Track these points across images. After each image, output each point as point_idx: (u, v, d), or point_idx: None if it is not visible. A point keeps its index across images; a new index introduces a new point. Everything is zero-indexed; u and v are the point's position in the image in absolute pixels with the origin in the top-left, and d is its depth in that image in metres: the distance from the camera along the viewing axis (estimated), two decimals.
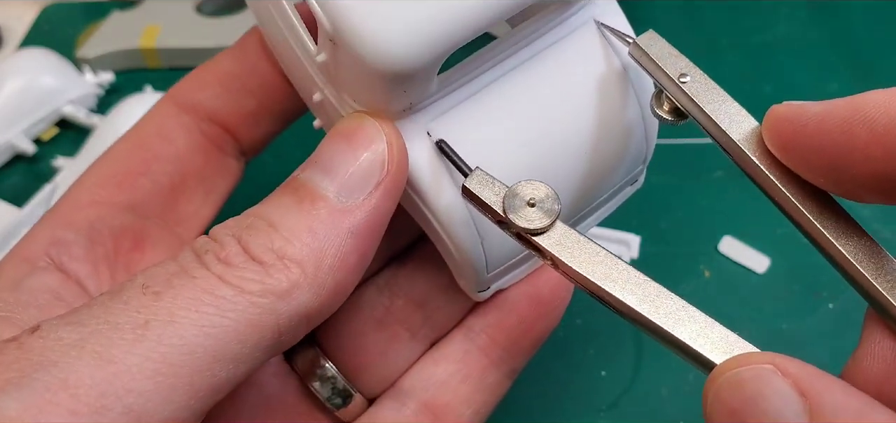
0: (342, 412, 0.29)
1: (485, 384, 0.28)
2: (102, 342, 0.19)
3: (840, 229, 0.22)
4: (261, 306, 0.21)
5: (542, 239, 0.23)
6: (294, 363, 0.29)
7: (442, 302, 0.29)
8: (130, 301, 0.20)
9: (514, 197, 0.23)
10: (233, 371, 0.21)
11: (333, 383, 0.29)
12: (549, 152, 0.26)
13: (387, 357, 0.29)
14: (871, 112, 0.20)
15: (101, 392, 0.19)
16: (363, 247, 0.23)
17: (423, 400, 0.28)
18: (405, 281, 0.29)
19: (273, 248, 0.22)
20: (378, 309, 0.29)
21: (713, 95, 0.24)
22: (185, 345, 0.20)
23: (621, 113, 0.27)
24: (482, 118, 0.26)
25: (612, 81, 0.27)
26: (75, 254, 0.26)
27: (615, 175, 0.29)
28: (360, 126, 0.23)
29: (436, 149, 0.25)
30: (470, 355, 0.28)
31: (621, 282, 0.22)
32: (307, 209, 0.22)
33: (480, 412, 0.29)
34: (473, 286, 0.28)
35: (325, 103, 0.26)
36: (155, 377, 0.19)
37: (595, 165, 0.27)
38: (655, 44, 0.25)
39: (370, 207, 0.23)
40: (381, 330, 0.29)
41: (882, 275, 0.21)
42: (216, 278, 0.21)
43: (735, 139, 0.23)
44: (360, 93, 0.24)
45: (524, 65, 0.27)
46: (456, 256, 0.26)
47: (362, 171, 0.23)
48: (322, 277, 0.22)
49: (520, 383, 0.40)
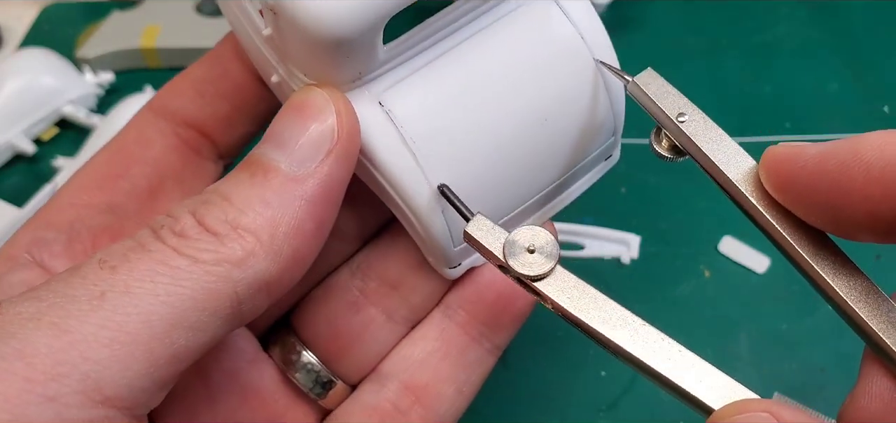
0: (325, 400, 0.29)
1: (466, 361, 0.29)
2: (59, 314, 0.20)
3: (837, 269, 0.23)
4: (216, 274, 0.21)
5: (542, 285, 0.24)
6: (272, 351, 0.29)
7: (417, 282, 0.28)
8: (88, 276, 0.21)
9: (514, 243, 0.24)
10: (192, 339, 0.21)
11: (313, 371, 0.29)
12: (504, 121, 0.26)
13: (364, 341, 0.29)
14: (867, 154, 0.20)
15: (56, 361, 0.20)
16: (319, 214, 0.23)
17: (403, 381, 0.28)
18: (377, 262, 0.29)
19: (227, 219, 0.22)
20: (351, 292, 0.29)
21: (711, 135, 0.25)
22: (141, 314, 0.21)
23: (580, 81, 0.27)
24: (435, 88, 0.26)
25: (569, 50, 0.27)
26: (55, 251, 0.27)
27: (582, 146, 0.28)
28: (308, 98, 0.24)
29: (387, 117, 0.25)
30: (448, 332, 0.28)
31: (620, 327, 0.23)
32: (260, 181, 0.23)
33: (463, 389, 0.29)
34: (442, 262, 0.27)
35: (283, 84, 0.27)
36: (111, 345, 0.20)
37: (556, 134, 0.27)
38: (653, 82, 0.26)
39: (322, 174, 0.23)
40: (355, 313, 0.29)
41: (878, 316, 0.22)
42: (171, 249, 0.22)
43: (732, 179, 0.24)
44: (306, 64, 0.25)
45: (478, 34, 0.27)
46: (417, 226, 0.26)
47: (312, 140, 0.23)
48: (278, 244, 0.22)
49: (520, 382, 0.40)
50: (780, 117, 0.49)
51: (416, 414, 0.28)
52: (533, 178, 0.27)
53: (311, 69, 0.25)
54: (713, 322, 0.41)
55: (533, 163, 0.27)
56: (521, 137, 0.26)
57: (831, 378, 0.39)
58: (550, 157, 0.27)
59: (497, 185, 0.26)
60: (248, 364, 0.28)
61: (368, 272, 0.29)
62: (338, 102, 0.24)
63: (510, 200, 0.27)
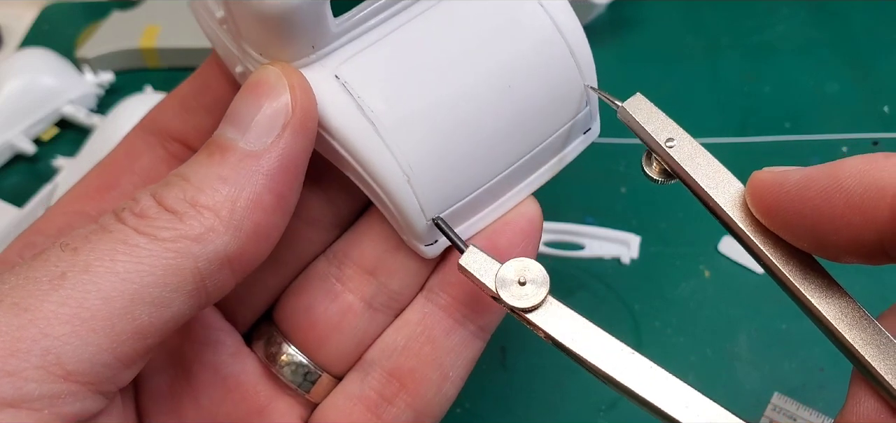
0: (310, 394, 0.29)
1: (450, 345, 0.28)
2: (20, 294, 0.21)
3: (823, 292, 0.23)
4: (175, 250, 0.22)
5: (534, 316, 0.25)
6: (255, 346, 0.29)
7: (394, 267, 0.28)
8: (50, 258, 0.22)
9: (505, 276, 0.25)
10: (155, 315, 0.22)
11: (297, 365, 0.28)
12: (466, 87, 0.26)
13: (342, 330, 0.28)
14: (847, 182, 0.21)
15: (16, 338, 0.20)
16: (279, 187, 0.24)
17: (386, 369, 0.28)
18: (352, 247, 0.29)
19: (185, 198, 0.23)
20: (328, 280, 0.29)
21: (699, 160, 0.25)
22: (101, 291, 0.21)
23: (542, 47, 0.27)
24: (393, 58, 0.26)
25: (529, 17, 0.27)
26: None
27: (553, 114, 0.28)
28: (262, 76, 0.25)
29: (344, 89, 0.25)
30: (430, 316, 0.28)
31: (610, 356, 0.24)
32: (217, 159, 0.24)
33: (449, 373, 0.28)
34: (415, 236, 0.27)
35: (245, 74, 0.27)
36: (71, 321, 0.21)
37: (522, 101, 0.27)
38: (642, 107, 0.26)
39: (279, 148, 0.24)
40: (332, 301, 0.28)
41: (865, 338, 0.22)
42: (131, 229, 0.22)
43: (720, 203, 0.24)
44: (258, 41, 0.25)
45: (433, 8, 0.27)
46: (383, 197, 0.26)
47: (267, 116, 0.24)
48: (238, 219, 0.23)
49: (520, 382, 0.40)
50: (779, 117, 0.49)
51: (402, 401, 0.28)
52: (503, 147, 0.27)
53: (264, 47, 0.25)
54: (713, 322, 0.41)
55: (500, 130, 0.27)
56: (484, 103, 0.26)
57: (831, 378, 0.39)
58: (519, 126, 0.27)
59: (464, 153, 0.26)
60: (231, 358, 0.28)
61: (344, 259, 0.29)
62: (291, 77, 0.24)
63: (480, 170, 0.27)
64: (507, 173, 0.27)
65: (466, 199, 0.27)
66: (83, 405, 0.21)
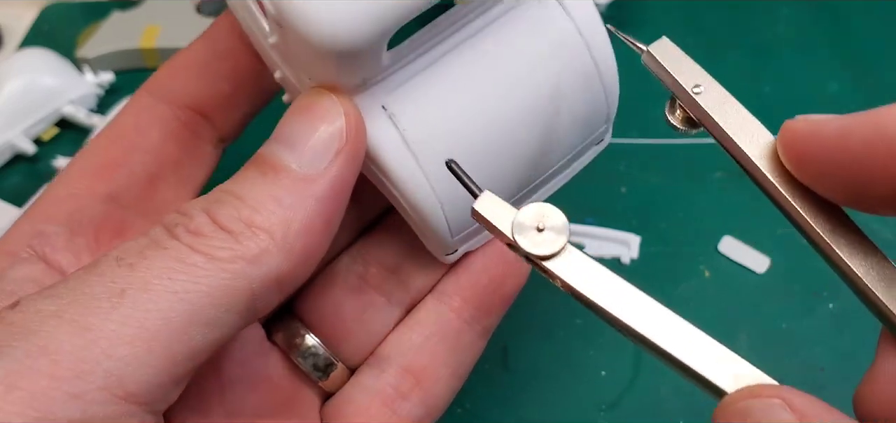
0: (326, 382, 0.30)
1: (460, 345, 0.29)
2: (80, 311, 0.20)
3: (853, 247, 0.22)
4: (232, 271, 0.22)
5: (551, 264, 0.23)
6: (276, 337, 0.30)
7: (415, 267, 0.29)
8: (106, 273, 0.21)
9: (523, 222, 0.23)
10: (209, 336, 0.22)
11: (315, 354, 0.29)
12: (503, 119, 0.27)
13: (365, 324, 0.29)
14: (890, 129, 0.20)
15: (80, 358, 0.20)
16: (328, 212, 0.24)
17: (402, 365, 0.29)
18: (377, 249, 0.30)
19: (241, 217, 0.23)
20: (353, 277, 0.30)
21: (727, 107, 0.24)
22: (160, 311, 0.21)
23: (574, 74, 0.28)
24: (436, 90, 0.26)
25: (565, 44, 0.28)
26: (57, 245, 0.27)
27: (576, 136, 0.29)
28: (317, 100, 0.25)
29: (393, 124, 0.26)
30: (444, 317, 0.29)
31: (633, 308, 0.22)
32: (272, 180, 0.23)
33: (458, 371, 0.30)
34: (440, 251, 0.28)
35: (286, 80, 0.27)
36: (132, 343, 0.20)
37: (553, 128, 0.28)
38: (669, 52, 0.25)
39: (332, 174, 0.24)
40: (357, 297, 0.29)
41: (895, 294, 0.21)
42: (187, 247, 0.22)
43: (748, 153, 0.23)
44: (312, 71, 0.25)
45: (478, 34, 0.27)
46: (419, 224, 0.27)
47: (322, 141, 0.24)
48: (290, 241, 0.23)
49: (520, 382, 0.40)
50: (780, 117, 0.49)
51: (416, 397, 0.29)
52: (530, 170, 0.28)
53: (316, 75, 0.25)
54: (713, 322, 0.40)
55: (530, 157, 0.28)
56: (519, 133, 0.27)
57: (831, 378, 0.39)
58: (547, 153, 0.28)
59: (495, 180, 0.27)
60: (256, 353, 0.29)
61: (369, 259, 0.30)
62: (346, 105, 0.24)
63: (508, 191, 0.28)
64: (527, 190, 0.29)
65: None
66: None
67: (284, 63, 0.27)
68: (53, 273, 0.26)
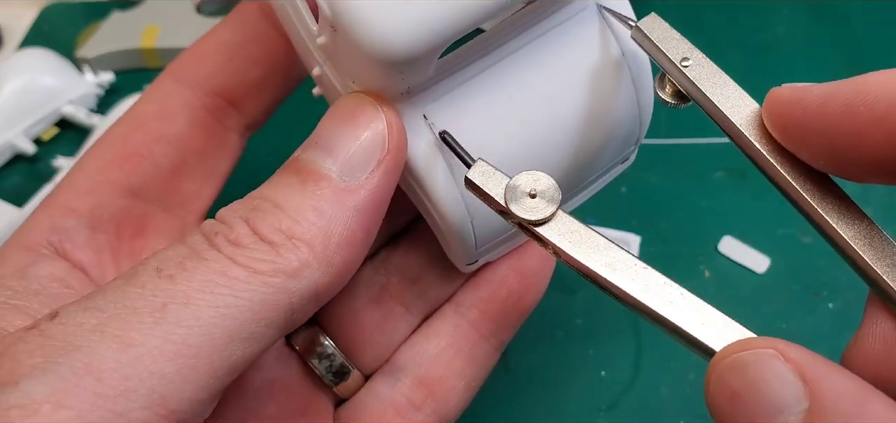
0: (340, 388, 0.29)
1: (475, 357, 0.29)
2: (122, 326, 0.20)
3: (841, 213, 0.22)
4: (273, 285, 0.21)
5: (543, 230, 0.23)
6: (294, 341, 0.30)
7: (434, 278, 0.29)
8: (146, 285, 0.21)
9: (516, 188, 0.23)
10: (248, 350, 0.21)
11: (331, 359, 0.29)
12: (541, 137, 0.27)
13: (384, 333, 0.29)
14: (871, 94, 0.20)
15: (124, 375, 0.19)
16: (368, 223, 0.23)
17: (417, 375, 0.29)
18: (400, 259, 0.30)
19: (281, 228, 0.22)
20: (375, 287, 0.29)
21: (715, 79, 0.24)
22: (203, 326, 0.20)
23: (615, 98, 0.28)
24: (478, 102, 0.26)
25: (609, 66, 0.27)
26: (78, 242, 0.26)
27: (606, 157, 0.29)
28: (359, 106, 0.24)
29: (433, 133, 0.25)
30: (461, 329, 0.29)
31: (623, 271, 0.22)
32: (312, 189, 0.23)
33: (472, 384, 0.29)
34: (463, 261, 0.28)
35: (324, 77, 0.26)
36: (176, 359, 0.20)
37: (586, 148, 0.28)
38: (658, 27, 0.26)
39: (373, 185, 0.23)
40: (377, 307, 0.29)
41: (882, 258, 0.22)
42: (228, 259, 0.21)
43: (736, 122, 0.24)
44: (358, 76, 0.25)
45: (521, 50, 0.27)
46: (447, 235, 0.27)
47: (363, 150, 0.23)
48: (330, 254, 0.22)
49: (520, 382, 0.40)
50: None
51: (429, 407, 0.29)
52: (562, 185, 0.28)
53: (362, 80, 0.25)
54: None
55: (563, 175, 0.27)
56: (556, 153, 0.27)
57: None
58: (581, 168, 0.28)
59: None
60: (275, 360, 0.29)
61: (391, 269, 0.30)
62: (388, 114, 0.24)
63: None
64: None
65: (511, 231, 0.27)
66: None
67: (328, 63, 0.26)
68: (76, 272, 0.26)
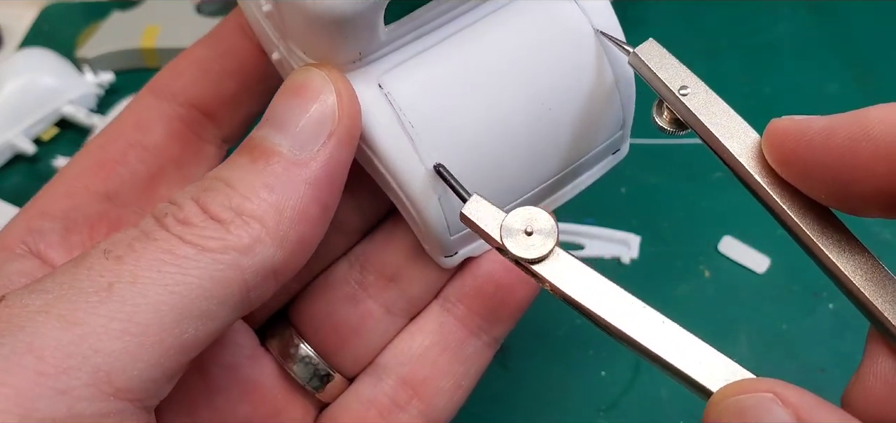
0: (322, 393, 0.29)
1: (464, 355, 0.28)
2: (67, 307, 0.20)
3: (841, 247, 0.22)
4: (223, 262, 0.21)
5: (540, 267, 0.23)
6: (269, 344, 0.29)
7: (414, 274, 0.28)
8: (94, 266, 0.21)
9: (512, 225, 0.23)
10: (202, 328, 0.21)
11: (311, 364, 0.28)
12: (506, 108, 0.26)
13: (362, 334, 0.28)
14: (875, 129, 0.20)
15: (67, 354, 0.19)
16: (323, 197, 0.23)
17: (400, 375, 0.28)
18: (375, 254, 0.29)
19: (231, 206, 0.22)
20: (349, 285, 0.29)
21: (714, 108, 0.24)
22: (150, 304, 0.20)
23: (586, 69, 0.27)
24: (436, 72, 0.25)
25: (580, 41, 0.27)
26: (51, 241, 0.26)
27: (588, 137, 0.28)
28: (307, 79, 0.24)
29: (386, 99, 0.25)
30: (446, 326, 0.28)
31: (620, 310, 0.22)
32: (262, 166, 0.23)
33: (462, 383, 0.28)
34: (438, 250, 0.27)
35: (284, 62, 0.26)
36: (122, 337, 0.20)
37: (560, 123, 0.27)
38: (655, 54, 0.25)
39: (325, 157, 0.23)
40: (354, 306, 0.28)
41: (883, 294, 0.21)
42: (176, 238, 0.21)
43: (734, 153, 0.23)
44: (306, 42, 0.24)
45: (483, 20, 0.26)
46: (412, 211, 0.26)
47: (313, 122, 0.23)
48: (284, 230, 0.22)
49: (520, 382, 0.40)
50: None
51: (414, 408, 0.28)
52: (535, 167, 0.27)
53: (311, 48, 0.24)
54: (713, 322, 0.41)
55: (535, 151, 0.26)
56: (523, 124, 0.26)
57: (831, 378, 0.38)
58: (554, 146, 0.27)
59: (497, 172, 0.26)
60: (248, 359, 0.28)
61: (366, 265, 0.29)
62: (337, 83, 0.24)
63: (511, 188, 0.27)
64: (535, 191, 0.27)
65: None
66: (130, 421, 0.21)
67: (280, 38, 0.25)
68: (47, 269, 0.26)
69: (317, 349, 0.29)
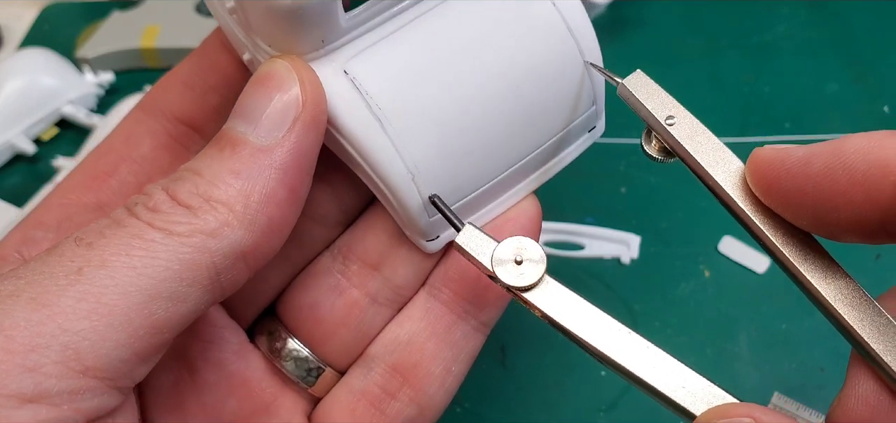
0: (314, 388, 0.29)
1: (452, 340, 0.29)
2: (37, 290, 0.21)
3: (824, 273, 0.23)
4: (191, 245, 0.22)
5: (530, 295, 0.25)
6: (257, 340, 0.29)
7: (397, 261, 0.28)
8: (65, 253, 0.22)
9: (502, 255, 0.25)
10: (172, 309, 0.22)
11: (301, 359, 0.29)
12: (474, 87, 0.26)
13: (347, 325, 0.29)
14: (850, 158, 0.21)
15: (36, 333, 0.20)
16: (291, 181, 0.24)
17: (389, 363, 0.28)
18: (356, 243, 0.29)
19: (199, 192, 0.23)
20: (332, 276, 0.29)
21: (699, 138, 0.25)
22: (118, 285, 0.21)
23: (552, 47, 0.27)
24: (402, 55, 0.26)
25: (544, 17, 0.27)
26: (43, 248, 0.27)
27: (560, 115, 0.28)
28: (271, 69, 0.25)
29: (353, 85, 0.25)
30: (433, 311, 0.28)
31: (607, 335, 0.24)
32: (229, 154, 0.24)
33: (452, 368, 0.29)
34: (418, 233, 0.27)
35: (254, 61, 0.27)
36: (90, 317, 0.21)
37: (530, 101, 0.27)
38: (642, 85, 0.26)
39: (291, 143, 0.24)
40: (337, 297, 0.29)
41: (865, 319, 0.22)
42: (145, 224, 0.22)
43: (719, 181, 0.24)
44: (268, 33, 0.25)
45: (447, 2, 0.27)
46: (388, 194, 0.26)
47: (277, 110, 0.24)
48: (252, 213, 0.23)
49: (519, 382, 0.40)
50: (779, 118, 0.49)
51: (405, 395, 0.28)
52: (509, 144, 0.27)
53: (274, 39, 0.25)
54: (713, 322, 0.41)
55: (507, 128, 0.27)
56: (492, 101, 0.26)
57: (831, 378, 0.39)
58: (526, 125, 0.27)
59: (470, 150, 0.26)
60: (235, 355, 0.28)
61: (349, 255, 0.29)
62: (300, 71, 0.24)
63: (485, 167, 0.27)
64: (510, 171, 0.28)
65: (469, 196, 0.27)
66: (101, 400, 0.21)
67: (246, 36, 0.26)
68: None
69: (305, 342, 0.29)
